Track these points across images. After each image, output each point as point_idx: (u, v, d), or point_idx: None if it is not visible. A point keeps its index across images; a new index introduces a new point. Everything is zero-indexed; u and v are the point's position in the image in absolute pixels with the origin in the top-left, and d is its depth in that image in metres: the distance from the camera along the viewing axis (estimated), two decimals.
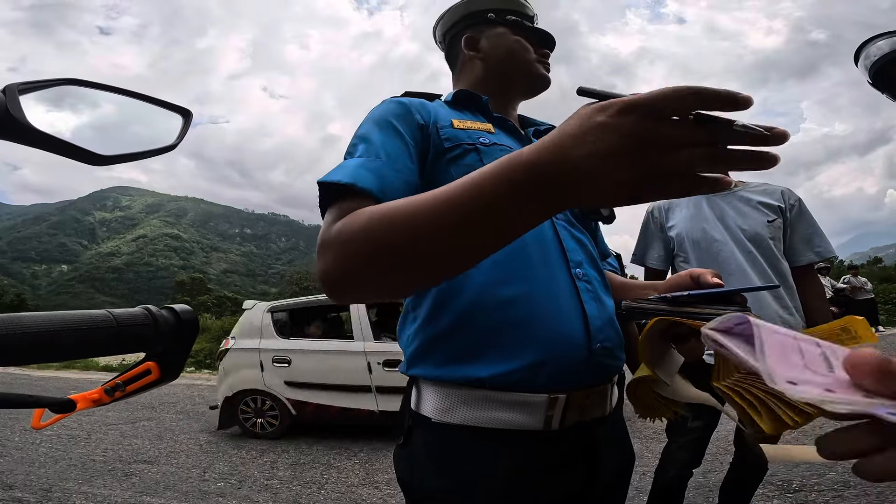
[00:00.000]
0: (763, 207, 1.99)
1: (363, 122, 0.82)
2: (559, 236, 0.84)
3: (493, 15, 1.03)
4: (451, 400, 0.76)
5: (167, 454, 4.05)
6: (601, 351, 0.78)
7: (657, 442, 2.76)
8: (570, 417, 0.75)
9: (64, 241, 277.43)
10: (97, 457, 3.95)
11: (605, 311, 0.83)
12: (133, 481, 3.42)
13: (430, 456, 0.77)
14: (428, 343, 0.80)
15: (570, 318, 0.77)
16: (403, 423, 0.83)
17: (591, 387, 0.78)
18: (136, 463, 3.81)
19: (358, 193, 0.65)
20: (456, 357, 0.77)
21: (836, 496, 2.62)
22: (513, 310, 0.75)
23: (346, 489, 3.29)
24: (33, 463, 3.74)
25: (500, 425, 0.73)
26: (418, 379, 0.81)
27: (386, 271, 0.55)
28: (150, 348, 0.46)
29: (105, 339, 0.40)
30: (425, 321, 0.80)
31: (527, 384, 0.73)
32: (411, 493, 0.80)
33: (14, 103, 0.38)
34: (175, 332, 0.46)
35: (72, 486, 3.28)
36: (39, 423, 0.47)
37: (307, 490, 3.28)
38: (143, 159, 0.48)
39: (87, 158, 0.42)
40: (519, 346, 0.74)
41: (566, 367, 0.75)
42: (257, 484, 3.40)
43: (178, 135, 0.51)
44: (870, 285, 12.43)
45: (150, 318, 0.44)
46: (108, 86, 0.49)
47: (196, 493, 3.22)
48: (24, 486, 3.24)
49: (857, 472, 0.32)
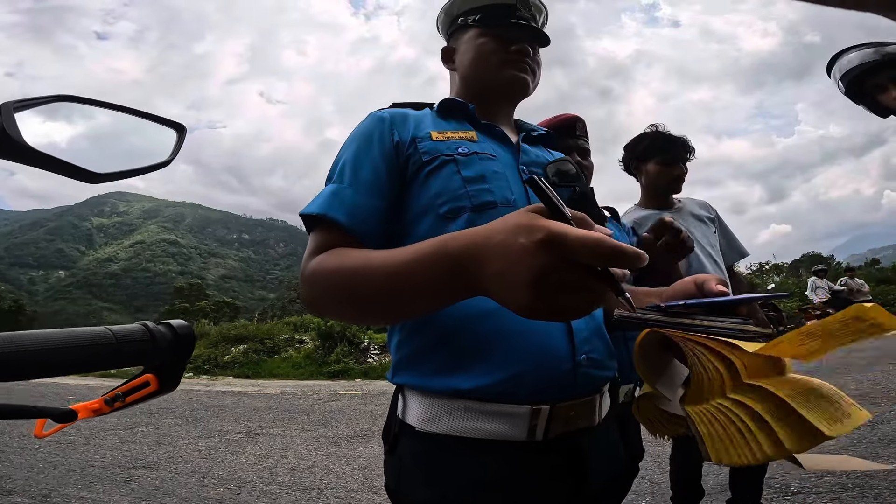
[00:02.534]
0: (706, 220, 2.13)
1: (345, 142, 0.87)
2: None
3: (463, 19, 0.99)
4: (435, 409, 0.76)
5: (166, 460, 4.04)
6: (587, 362, 0.78)
7: (654, 444, 2.77)
8: (555, 429, 0.75)
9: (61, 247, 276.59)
10: (96, 462, 3.95)
11: (592, 321, 0.83)
12: (132, 487, 3.41)
13: (416, 465, 0.77)
14: (413, 354, 0.80)
15: (552, 330, 0.77)
16: (389, 431, 0.83)
17: (576, 398, 0.77)
18: (134, 469, 3.81)
19: (329, 224, 0.77)
20: (440, 368, 0.77)
21: (834, 498, 2.63)
22: (496, 322, 0.75)
23: (346, 494, 3.29)
24: (32, 468, 3.74)
25: (483, 435, 0.73)
26: (404, 387, 0.82)
27: (343, 312, 0.73)
28: (149, 363, 0.47)
29: (104, 356, 0.42)
30: (411, 332, 0.81)
31: (508, 396, 0.73)
32: (398, 501, 0.81)
33: (10, 122, 0.38)
34: (172, 346, 0.47)
35: (71, 491, 3.28)
36: (42, 433, 0.48)
37: (306, 496, 3.28)
38: (137, 176, 0.49)
39: (83, 177, 0.43)
40: (501, 358, 0.74)
41: (549, 380, 0.75)
42: (256, 489, 3.39)
43: (173, 150, 0.53)
44: (867, 287, 12.46)
45: (147, 335, 0.45)
46: (103, 102, 0.49)
47: (195, 498, 3.22)
48: (24, 491, 3.23)
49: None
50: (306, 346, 12.64)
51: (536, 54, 0.97)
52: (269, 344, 12.79)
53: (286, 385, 9.44)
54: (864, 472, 2.88)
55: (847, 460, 0.64)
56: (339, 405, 6.97)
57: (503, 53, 0.93)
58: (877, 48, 1.42)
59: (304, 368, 11.19)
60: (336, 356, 11.25)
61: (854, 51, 1.47)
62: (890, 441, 3.43)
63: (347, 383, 9.49)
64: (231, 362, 11.93)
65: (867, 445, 3.41)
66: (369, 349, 11.70)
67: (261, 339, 13.00)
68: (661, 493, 2.91)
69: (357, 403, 7.05)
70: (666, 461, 2.89)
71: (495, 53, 0.93)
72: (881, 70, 1.41)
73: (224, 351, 12.54)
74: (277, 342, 12.93)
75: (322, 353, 11.62)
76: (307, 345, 12.64)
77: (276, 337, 13.23)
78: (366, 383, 9.37)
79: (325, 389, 8.60)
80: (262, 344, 12.76)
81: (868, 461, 0.62)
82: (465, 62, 0.97)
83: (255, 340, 12.95)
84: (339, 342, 11.64)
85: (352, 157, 0.83)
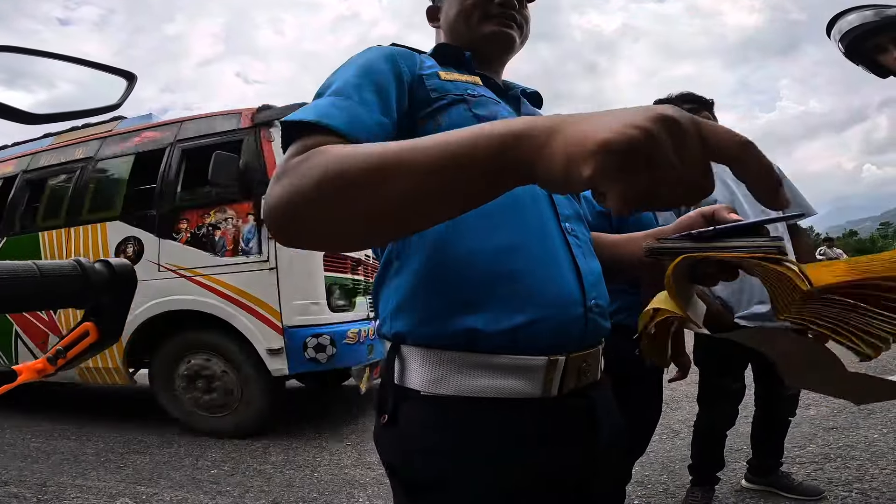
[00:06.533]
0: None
1: (337, 70, 0.75)
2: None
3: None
4: (444, 368, 0.70)
5: (158, 444, 4.08)
6: (595, 308, 0.76)
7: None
8: (568, 383, 0.72)
9: None
10: (89, 449, 3.97)
11: (595, 267, 0.80)
12: (127, 472, 3.45)
13: (424, 436, 0.70)
14: (415, 291, 0.72)
15: (564, 271, 0.74)
16: (385, 400, 0.75)
17: (586, 349, 0.75)
18: (128, 454, 3.84)
19: (323, 130, 0.60)
20: (448, 307, 0.70)
21: (818, 469, 2.69)
22: (508, 260, 0.71)
23: (339, 471, 3.36)
24: (26, 458, 3.75)
25: (498, 394, 0.69)
26: (401, 346, 0.74)
27: (341, 214, 0.50)
28: (81, 303, 0.43)
29: (27, 293, 0.37)
30: (411, 267, 0.73)
31: (526, 344, 0.69)
32: (405, 479, 0.73)
33: None
34: (109, 286, 0.43)
35: (66, 479, 3.31)
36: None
37: (300, 473, 3.34)
38: (82, 118, 0.46)
39: (22, 118, 0.40)
40: (517, 300, 0.70)
41: (564, 326, 0.72)
42: (251, 469, 3.45)
43: (122, 95, 0.49)
44: (845, 256, 12.76)
45: (78, 270, 0.41)
46: (45, 51, 0.46)
47: (189, 480, 3.27)
48: (19, 481, 3.25)
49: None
50: None
51: (524, 8, 0.93)
52: None
53: None
54: (846, 444, 2.95)
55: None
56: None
57: (488, 6, 0.89)
58: (877, 10, 1.45)
59: None
60: None
61: (854, 12, 1.50)
62: (870, 412, 3.48)
63: None
64: None
65: (847, 415, 3.51)
66: None
67: None
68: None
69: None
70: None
71: (479, 7, 0.89)
72: (882, 31, 1.45)
73: None
74: None
75: None
76: None
77: None
78: None
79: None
80: None
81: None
82: (449, 18, 0.93)
83: None
84: None
85: (353, 75, 0.71)
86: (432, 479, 0.70)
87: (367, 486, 3.08)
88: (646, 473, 2.89)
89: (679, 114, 0.37)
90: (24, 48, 0.43)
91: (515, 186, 0.46)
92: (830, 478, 2.54)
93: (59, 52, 0.46)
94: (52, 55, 0.46)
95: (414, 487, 0.72)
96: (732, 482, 2.58)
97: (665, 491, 2.66)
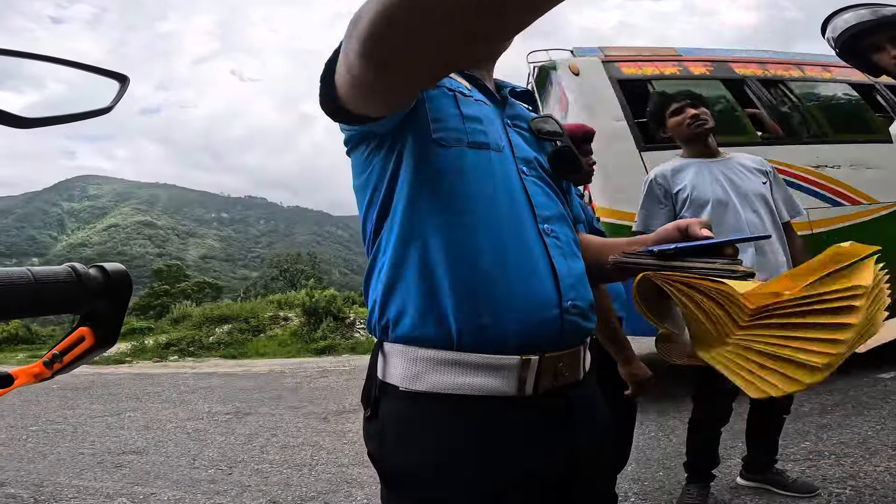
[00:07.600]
0: (757, 172, 2.25)
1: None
2: (527, 191, 0.81)
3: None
4: (420, 365, 0.73)
5: (155, 444, 4.07)
6: (572, 310, 0.76)
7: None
8: (544, 383, 0.74)
9: (33, 234, 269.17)
10: (85, 450, 3.96)
11: (576, 268, 0.81)
12: (123, 472, 3.45)
13: (400, 429, 0.75)
14: (393, 289, 0.76)
15: (539, 272, 0.75)
16: (370, 394, 0.79)
17: (563, 349, 0.77)
18: (124, 454, 3.83)
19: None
20: (423, 305, 0.73)
21: (812, 466, 2.69)
22: (480, 261, 0.73)
23: (337, 469, 3.37)
24: (22, 459, 3.74)
25: (472, 391, 0.71)
26: (383, 342, 0.78)
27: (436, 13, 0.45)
28: (77, 309, 0.43)
29: (22, 300, 0.37)
30: (390, 265, 0.77)
31: (495, 343, 0.71)
32: (383, 469, 0.78)
33: None
34: (104, 292, 0.43)
35: (63, 479, 3.30)
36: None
37: (298, 472, 3.35)
38: (75, 122, 0.45)
39: (12, 121, 0.39)
40: (486, 300, 0.72)
41: (537, 327, 0.73)
42: (248, 469, 3.45)
43: (114, 98, 0.49)
44: None
45: (73, 276, 0.41)
46: (31, 53, 0.45)
47: (187, 480, 3.27)
48: (16, 482, 3.25)
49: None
50: (291, 323, 12.65)
51: None
52: (254, 323, 12.77)
53: (273, 363, 9.47)
54: (840, 441, 2.96)
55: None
56: (327, 382, 7.04)
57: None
58: (873, 9, 1.47)
59: (291, 346, 11.22)
60: (322, 332, 11.30)
61: (850, 11, 1.51)
62: (864, 409, 3.48)
63: (335, 359, 9.56)
64: (216, 343, 11.89)
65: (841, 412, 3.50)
66: (355, 324, 11.75)
67: (245, 318, 12.96)
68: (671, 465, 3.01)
69: (345, 379, 7.12)
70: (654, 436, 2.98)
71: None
72: (877, 31, 1.46)
73: (208, 332, 12.48)
74: (262, 321, 12.90)
75: (308, 329, 11.65)
76: (292, 322, 12.65)
77: (261, 315, 13.19)
78: (353, 358, 9.44)
79: (313, 366, 8.65)
80: (247, 323, 12.73)
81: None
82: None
83: (240, 320, 12.91)
84: (325, 318, 11.67)
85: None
86: (407, 470, 0.74)
87: (365, 484, 3.08)
88: (642, 470, 2.90)
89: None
90: (13, 51, 0.43)
91: None
92: (824, 475, 2.55)
93: (50, 54, 0.45)
94: (43, 57, 0.46)
95: (391, 477, 0.76)
96: (727, 479, 2.59)
97: (661, 488, 2.67)
